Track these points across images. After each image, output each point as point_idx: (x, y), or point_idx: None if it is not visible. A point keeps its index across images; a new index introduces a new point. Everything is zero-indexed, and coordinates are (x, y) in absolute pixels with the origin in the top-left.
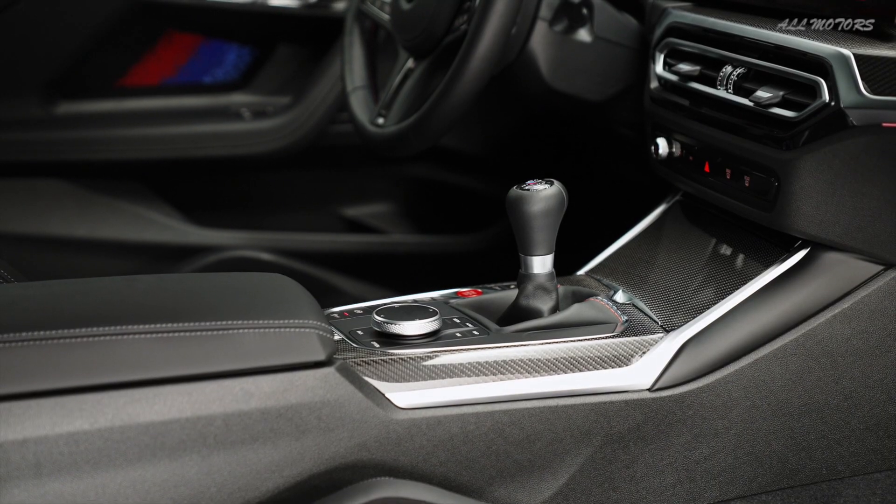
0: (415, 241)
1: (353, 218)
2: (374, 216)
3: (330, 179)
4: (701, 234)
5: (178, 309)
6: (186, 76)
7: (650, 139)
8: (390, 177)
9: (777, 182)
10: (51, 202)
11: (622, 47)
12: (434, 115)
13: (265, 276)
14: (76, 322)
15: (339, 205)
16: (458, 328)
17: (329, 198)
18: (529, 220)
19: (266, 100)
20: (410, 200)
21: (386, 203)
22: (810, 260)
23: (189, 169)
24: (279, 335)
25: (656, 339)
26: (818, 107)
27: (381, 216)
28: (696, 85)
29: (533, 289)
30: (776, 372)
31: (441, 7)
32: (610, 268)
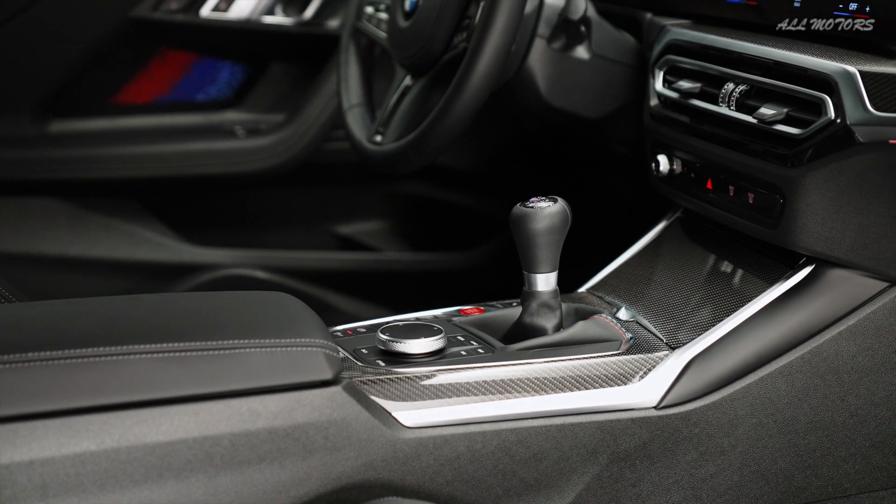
0: (409, 259)
1: (346, 235)
2: (368, 233)
3: (323, 197)
4: (702, 250)
5: (183, 328)
6: (180, 94)
7: (650, 156)
8: (383, 194)
9: (782, 199)
10: (44, 221)
11: (620, 65)
12: (433, 132)
13: (269, 295)
14: (82, 342)
15: (332, 222)
16: (463, 346)
17: (322, 215)
18: (533, 237)
19: (259, 117)
20: (403, 218)
21: (379, 220)
22: (815, 277)
23: (183, 187)
24: (286, 354)
25: (662, 357)
26: (823, 124)
27: (374, 234)
28: (697, 102)
29: (537, 306)
30: (782, 389)
31: (439, 25)
32: (611, 285)
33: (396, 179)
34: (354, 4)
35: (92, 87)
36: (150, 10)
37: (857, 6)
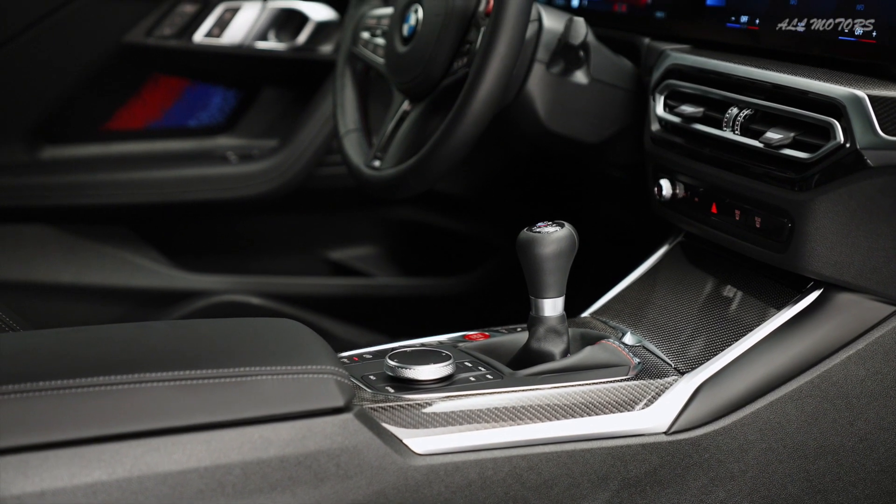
0: (402, 284)
1: (338, 261)
2: (361, 259)
3: (315, 222)
4: (706, 274)
5: (194, 356)
6: (171, 120)
7: (652, 181)
8: (375, 219)
9: (790, 223)
10: (36, 248)
11: (618, 89)
12: (434, 157)
13: (276, 322)
14: (93, 370)
15: (324, 248)
16: (471, 372)
17: (314, 241)
18: (541, 262)
19: (251, 143)
20: (396, 243)
21: (371, 246)
22: (823, 301)
23: (176, 213)
24: (297, 382)
25: (671, 382)
26: (833, 148)
27: (366, 259)
28: (700, 126)
29: (544, 332)
30: (792, 414)
31: (439, 49)
32: (615, 310)
33: (388, 204)
34: (350, 29)
35: (84, 113)
36: (143, 35)
37: (862, 32)
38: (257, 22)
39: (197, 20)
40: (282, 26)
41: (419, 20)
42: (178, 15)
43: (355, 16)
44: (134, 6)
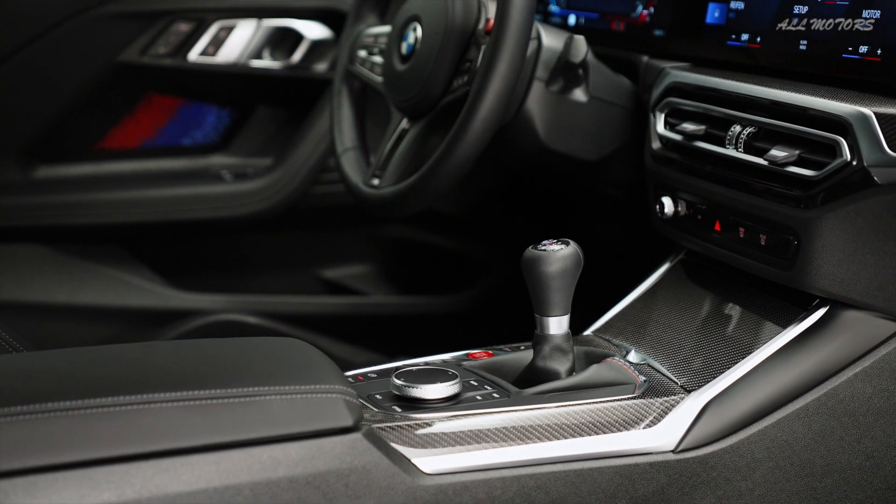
0: (396, 303)
1: (332, 279)
2: (354, 277)
3: (308, 241)
4: (709, 292)
5: (202, 376)
6: (166, 138)
7: (653, 198)
8: (369, 238)
9: (797, 240)
10: (30, 268)
11: (617, 107)
12: (435, 175)
13: (281, 341)
14: (101, 391)
15: (318, 266)
16: (478, 391)
17: (308, 259)
18: (546, 280)
19: (245, 161)
20: (389, 261)
21: (365, 264)
22: (829, 318)
23: (170, 232)
24: (306, 401)
25: (678, 400)
26: (839, 165)
27: (360, 277)
28: (702, 144)
29: (550, 350)
30: (799, 432)
31: (438, 68)
32: (618, 328)
33: (383, 222)
34: (347, 48)
35: (78, 133)
36: (138, 54)
37: (867, 49)
38: (252, 40)
39: (192, 39)
40: (277, 45)
41: (418, 38)
42: (173, 34)
43: (352, 34)
44: (129, 25)
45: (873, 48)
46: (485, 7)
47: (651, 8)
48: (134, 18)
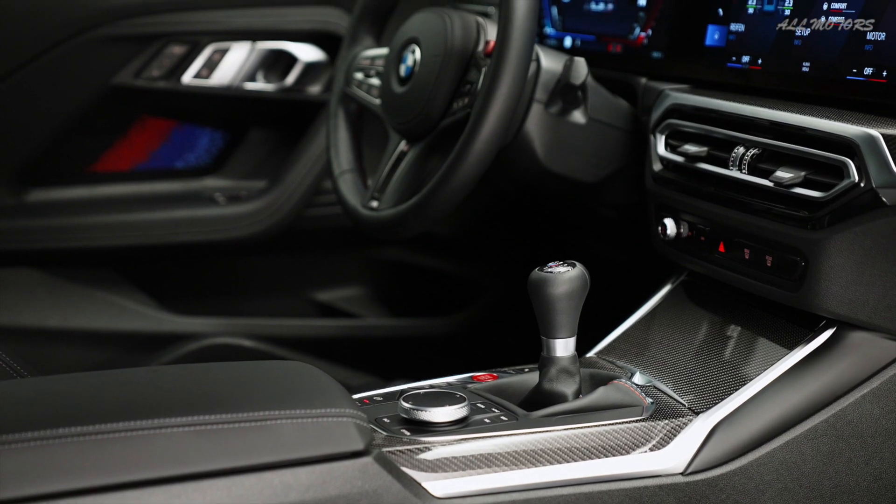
0: (389, 325)
1: (325, 302)
2: (347, 300)
3: (301, 263)
4: (713, 313)
5: (212, 400)
6: (158, 161)
7: (655, 220)
8: (361, 260)
9: (804, 262)
10: (22, 292)
11: (615, 129)
12: (436, 197)
13: (288, 364)
14: (111, 416)
15: (311, 289)
16: (485, 414)
17: (301, 282)
18: (553, 302)
19: (238, 184)
20: (382, 284)
21: (358, 287)
22: (836, 340)
23: (164, 255)
24: (317, 425)
25: (686, 422)
26: (847, 187)
27: (353, 300)
28: (705, 166)
29: (556, 372)
30: (807, 454)
31: (438, 90)
32: (621, 349)
33: (375, 245)
34: (343, 70)
35: (71, 156)
36: (132, 77)
37: (872, 71)
38: (246, 63)
39: (186, 61)
40: (270, 67)
41: (417, 60)
42: (167, 56)
43: (348, 56)
44: (123, 48)
45: (878, 70)
46: (484, 29)
47: (649, 30)
48: (128, 41)
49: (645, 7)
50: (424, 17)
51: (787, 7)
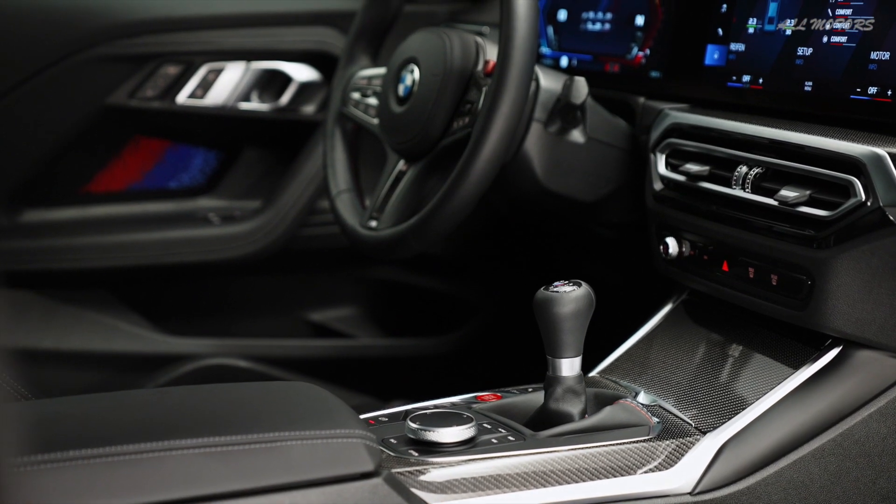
0: (384, 345)
1: (319, 322)
2: (341, 320)
3: (295, 283)
4: (715, 332)
5: (221, 422)
6: (152, 181)
7: (656, 239)
8: (354, 280)
9: (810, 280)
10: (16, 313)
11: (614, 148)
12: (436, 217)
13: (294, 385)
14: (120, 439)
15: (304, 309)
16: (492, 434)
17: (294, 302)
18: (559, 322)
19: (232, 204)
20: (376, 304)
21: (351, 307)
22: (843, 358)
23: (158, 276)
24: (327, 446)
25: (693, 441)
26: (854, 206)
27: (347, 320)
28: (707, 185)
29: (562, 392)
30: (815, 473)
31: (437, 110)
32: (623, 369)
33: (368, 265)
34: (339, 90)
35: (64, 176)
36: (126, 97)
37: (877, 90)
38: (241, 83)
39: (180, 82)
40: (265, 87)
41: (415, 80)
42: (162, 77)
43: (344, 76)
44: (117, 68)
45: (883, 89)
46: (482, 49)
47: (647, 50)
48: (123, 61)
49: (643, 27)
50: (423, 37)
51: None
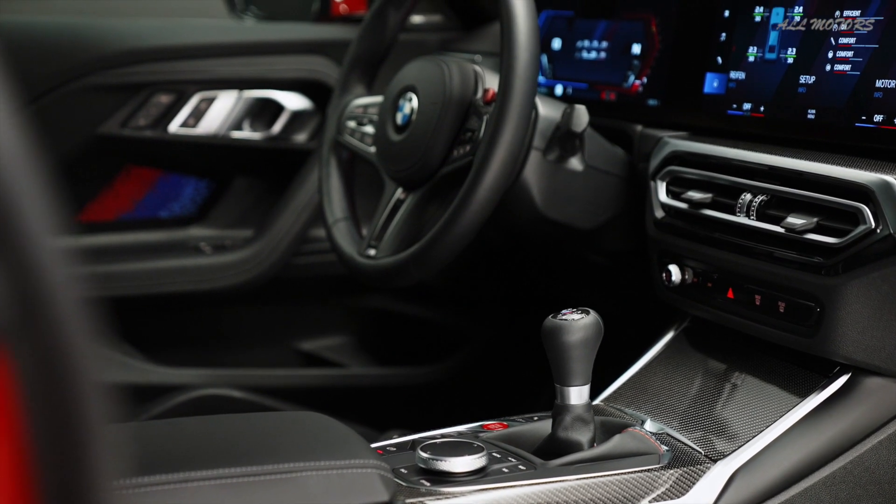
0: (375, 374)
1: (309, 351)
2: (331, 349)
3: (285, 312)
4: (719, 359)
5: (235, 453)
6: (143, 211)
7: (657, 266)
8: (345, 309)
9: (819, 308)
10: None
11: (612, 176)
12: (438, 245)
13: (303, 415)
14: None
15: (294, 338)
16: (503, 463)
17: (284, 332)
18: (568, 350)
19: (223, 233)
20: (366, 332)
21: (342, 336)
22: (852, 385)
23: (149, 306)
24: (343, 477)
25: (704, 469)
26: (864, 233)
27: (337, 349)
28: (710, 212)
29: (571, 420)
30: (825, 501)
31: (437, 138)
32: (627, 397)
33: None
34: (335, 118)
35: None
36: (119, 126)
37: (882, 118)
38: (233, 111)
39: (172, 110)
40: (257, 116)
41: (414, 109)
42: (154, 105)
43: (339, 105)
44: (110, 97)
45: (889, 117)
46: (481, 78)
47: (644, 78)
48: (115, 91)
49: (639, 55)
50: (421, 66)
51: (791, 56)
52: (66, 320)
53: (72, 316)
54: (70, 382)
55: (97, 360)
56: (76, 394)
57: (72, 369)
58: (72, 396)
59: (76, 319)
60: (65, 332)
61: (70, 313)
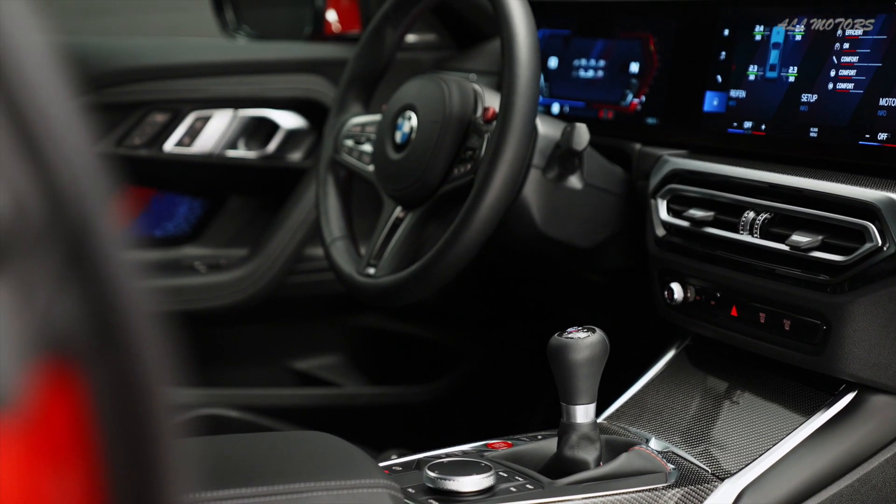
0: (370, 393)
1: (303, 371)
2: (325, 368)
3: (279, 332)
4: (723, 377)
5: (244, 473)
6: (137, 230)
7: (659, 285)
8: (338, 328)
9: (826, 326)
10: None
11: (611, 194)
12: (439, 263)
13: (309, 435)
14: None
15: (288, 358)
16: (510, 483)
17: (279, 351)
18: (574, 368)
19: (217, 252)
20: (360, 351)
21: (335, 355)
22: (859, 403)
23: None
24: (353, 497)
25: (712, 488)
26: (870, 250)
27: (331, 368)
28: (713, 230)
29: (577, 439)
30: None
31: (437, 156)
32: (630, 415)
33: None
34: (332, 137)
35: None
36: (113, 145)
37: (886, 136)
38: (228, 130)
39: (168, 129)
40: (252, 134)
41: (413, 127)
42: (149, 124)
43: (336, 123)
44: (104, 116)
45: (893, 135)
46: (481, 96)
47: (642, 97)
48: (110, 110)
49: (637, 74)
50: (420, 84)
51: (792, 74)
52: (141, 338)
53: (146, 333)
54: (145, 401)
55: (169, 376)
56: (151, 412)
57: (147, 388)
58: (147, 415)
59: (150, 336)
60: (141, 351)
61: (145, 330)
